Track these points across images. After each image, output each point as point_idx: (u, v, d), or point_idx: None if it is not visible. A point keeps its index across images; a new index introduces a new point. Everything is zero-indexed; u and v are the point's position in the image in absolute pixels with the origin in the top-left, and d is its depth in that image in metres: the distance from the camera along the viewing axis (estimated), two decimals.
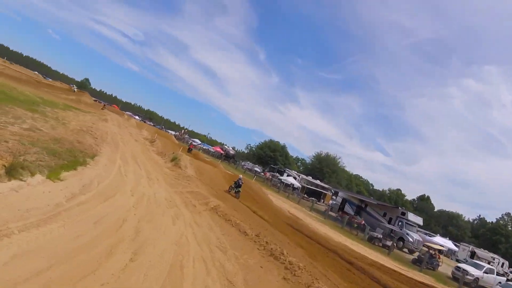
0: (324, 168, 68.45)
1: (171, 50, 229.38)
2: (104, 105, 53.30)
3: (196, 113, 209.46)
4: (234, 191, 18.15)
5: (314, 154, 71.12)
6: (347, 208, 36.01)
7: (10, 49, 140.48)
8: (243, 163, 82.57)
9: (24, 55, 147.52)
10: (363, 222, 30.87)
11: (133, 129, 40.57)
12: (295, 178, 53.84)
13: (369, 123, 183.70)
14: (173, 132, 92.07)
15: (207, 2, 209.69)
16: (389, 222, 31.00)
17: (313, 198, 48.26)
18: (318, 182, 57.68)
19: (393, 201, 68.69)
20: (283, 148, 68.28)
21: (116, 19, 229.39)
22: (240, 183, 18.11)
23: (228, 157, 64.54)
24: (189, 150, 33.02)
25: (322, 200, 51.09)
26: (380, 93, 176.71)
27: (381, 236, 26.11)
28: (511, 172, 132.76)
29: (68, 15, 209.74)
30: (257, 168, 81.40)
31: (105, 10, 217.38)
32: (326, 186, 56.18)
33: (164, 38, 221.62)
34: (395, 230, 28.20)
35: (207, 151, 63.32)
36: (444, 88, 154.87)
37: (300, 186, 49.12)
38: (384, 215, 32.85)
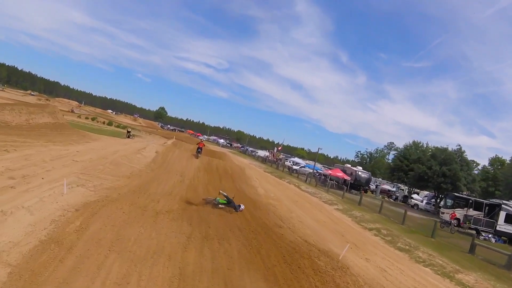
0: None
1: (255, 71, 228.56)
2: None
3: (288, 127, 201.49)
4: None
5: None
6: None
7: (94, 94, 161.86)
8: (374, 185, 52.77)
9: (108, 97, 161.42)
10: None
11: None
12: None
13: (467, 106, 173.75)
14: (264, 153, 69.28)
15: (280, 17, 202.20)
16: None
17: None
18: None
19: None
20: (459, 155, 36.55)
21: (198, 53, 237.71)
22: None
23: (358, 185, 36.92)
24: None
25: None
26: (473, 71, 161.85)
27: None
28: None
29: (154, 58, 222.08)
30: (388, 187, 50.91)
31: (187, 47, 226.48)
32: None
33: (246, 62, 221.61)
34: None
35: (313, 178, 36.85)
36: None
37: None
38: None
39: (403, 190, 52.84)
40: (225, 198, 11.40)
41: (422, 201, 42.03)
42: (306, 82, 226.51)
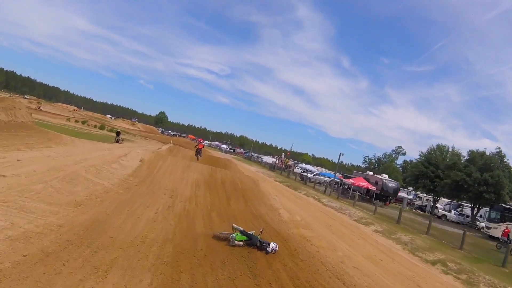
0: None
1: (257, 77, 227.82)
2: None
3: (291, 132, 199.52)
4: None
5: None
6: None
7: (94, 100, 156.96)
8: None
9: (109, 103, 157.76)
10: None
11: None
12: None
13: (470, 109, 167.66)
14: (270, 158, 64.29)
15: (282, 23, 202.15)
16: None
17: None
18: None
19: None
20: (500, 159, 31.36)
21: (200, 60, 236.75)
22: None
23: (385, 196, 31.95)
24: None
25: None
26: (475, 74, 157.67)
27: None
28: None
29: (157, 64, 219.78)
30: (404, 194, 45.30)
31: (189, 53, 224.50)
32: None
33: (248, 67, 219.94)
34: None
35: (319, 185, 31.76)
36: None
37: None
38: None
39: (421, 198, 47.68)
40: (243, 234, 6.86)
41: (449, 211, 36.90)
42: (308, 88, 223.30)
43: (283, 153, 62.57)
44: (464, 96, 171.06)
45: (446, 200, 43.82)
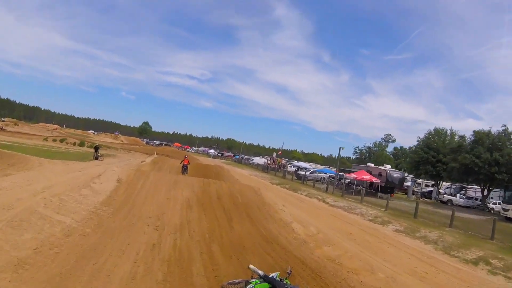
0: None
1: (239, 79, 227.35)
2: None
3: (278, 131, 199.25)
4: None
5: None
6: None
7: (76, 116, 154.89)
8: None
9: (91, 118, 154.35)
10: None
11: None
12: None
13: (452, 92, 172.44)
14: (261, 159, 62.16)
15: (260, 24, 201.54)
16: None
17: None
18: None
19: None
20: (508, 137, 29.72)
21: (180, 66, 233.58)
22: None
23: (390, 187, 30.18)
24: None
25: None
26: (455, 58, 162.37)
27: None
28: None
29: (137, 75, 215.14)
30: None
31: (169, 61, 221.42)
32: None
33: (229, 70, 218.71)
34: None
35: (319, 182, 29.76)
36: None
37: None
38: None
39: (419, 184, 46.28)
40: (264, 280, 4.60)
41: (454, 195, 35.51)
42: (291, 85, 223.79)
43: (274, 153, 60.43)
44: (445, 80, 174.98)
45: (446, 184, 42.47)
